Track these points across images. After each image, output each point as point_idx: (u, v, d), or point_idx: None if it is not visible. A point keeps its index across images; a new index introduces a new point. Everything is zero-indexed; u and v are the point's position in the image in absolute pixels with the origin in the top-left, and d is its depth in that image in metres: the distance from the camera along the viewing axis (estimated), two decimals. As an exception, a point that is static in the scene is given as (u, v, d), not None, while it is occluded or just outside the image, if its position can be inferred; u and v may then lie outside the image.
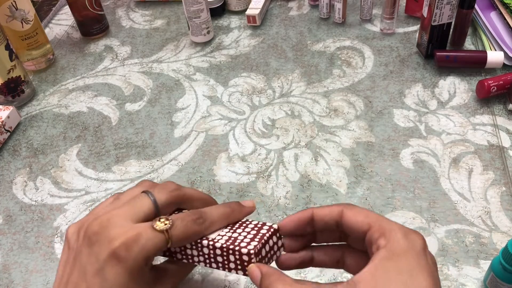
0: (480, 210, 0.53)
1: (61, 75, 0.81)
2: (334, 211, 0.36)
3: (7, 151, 0.68)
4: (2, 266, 0.54)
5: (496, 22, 0.75)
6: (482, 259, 0.49)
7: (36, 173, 0.64)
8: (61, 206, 0.59)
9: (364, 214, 0.35)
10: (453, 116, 0.64)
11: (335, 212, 0.36)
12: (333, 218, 0.36)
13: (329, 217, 0.36)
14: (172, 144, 0.66)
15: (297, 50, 0.79)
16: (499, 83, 0.64)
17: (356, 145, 0.62)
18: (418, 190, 0.56)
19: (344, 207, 0.36)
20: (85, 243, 0.36)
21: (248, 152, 0.63)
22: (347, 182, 0.58)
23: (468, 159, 0.58)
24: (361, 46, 0.78)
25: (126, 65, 0.81)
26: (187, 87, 0.75)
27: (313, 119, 0.66)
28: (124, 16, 0.94)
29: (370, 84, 0.71)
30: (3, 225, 0.58)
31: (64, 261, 0.38)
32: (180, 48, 0.84)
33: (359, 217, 0.35)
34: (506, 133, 0.61)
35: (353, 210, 0.36)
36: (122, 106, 0.73)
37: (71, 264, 0.37)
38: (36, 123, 0.72)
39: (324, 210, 0.37)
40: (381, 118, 0.65)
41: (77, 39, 0.89)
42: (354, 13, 0.86)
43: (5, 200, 0.61)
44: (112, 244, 0.35)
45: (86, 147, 0.67)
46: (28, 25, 0.77)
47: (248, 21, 0.85)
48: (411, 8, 0.82)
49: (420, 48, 0.74)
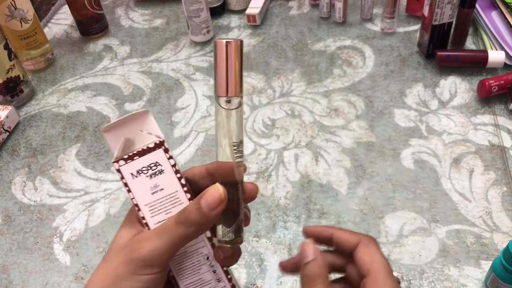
0: (481, 211, 0.53)
1: (60, 75, 0.81)
2: (353, 241, 0.36)
3: (6, 151, 0.68)
4: (1, 266, 0.54)
5: (497, 21, 0.75)
6: (483, 259, 0.48)
7: (35, 173, 0.64)
8: (60, 207, 0.59)
9: (372, 257, 0.34)
10: (454, 116, 0.64)
11: (353, 242, 0.36)
12: (348, 246, 0.36)
13: (345, 245, 0.36)
14: (171, 144, 0.65)
15: (297, 49, 0.79)
16: (500, 82, 0.63)
17: (357, 145, 0.62)
18: (419, 190, 0.56)
19: (362, 241, 0.35)
20: None
21: (248, 152, 0.63)
22: (347, 182, 0.57)
23: (469, 159, 0.58)
24: (361, 45, 0.78)
25: (126, 64, 0.81)
26: (187, 87, 0.75)
27: (313, 119, 0.66)
28: (123, 16, 0.94)
29: (371, 83, 0.71)
30: (2, 225, 0.58)
31: None
32: (179, 47, 0.83)
33: (366, 257, 0.34)
34: (507, 133, 0.61)
35: (367, 248, 0.35)
36: (122, 106, 0.73)
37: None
38: (35, 123, 0.72)
39: (345, 235, 0.36)
40: (381, 118, 0.65)
41: (76, 39, 0.89)
42: (355, 13, 0.85)
43: (4, 200, 0.61)
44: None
45: (85, 147, 0.67)
46: (27, 24, 0.77)
47: (248, 21, 0.85)
48: (412, 8, 0.82)
49: (421, 48, 0.74)
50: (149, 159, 0.35)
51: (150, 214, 0.36)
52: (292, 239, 0.52)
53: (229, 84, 0.30)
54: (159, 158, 0.35)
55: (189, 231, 0.33)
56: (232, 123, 0.32)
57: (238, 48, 0.30)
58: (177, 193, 0.36)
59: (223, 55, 0.30)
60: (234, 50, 0.30)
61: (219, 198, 0.33)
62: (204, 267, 0.38)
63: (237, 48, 0.30)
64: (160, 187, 0.36)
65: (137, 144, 0.36)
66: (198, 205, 0.33)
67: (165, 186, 0.36)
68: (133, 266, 0.33)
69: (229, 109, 0.31)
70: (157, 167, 0.35)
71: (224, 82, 0.31)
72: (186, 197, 0.36)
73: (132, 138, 0.37)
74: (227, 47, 0.30)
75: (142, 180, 0.35)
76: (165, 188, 0.36)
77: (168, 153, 0.35)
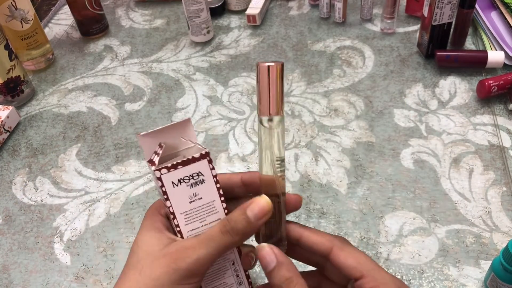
0: (481, 210, 0.53)
1: (60, 75, 0.81)
2: (325, 245, 0.35)
3: (7, 151, 0.68)
4: (2, 266, 0.54)
5: (497, 21, 0.75)
6: (482, 259, 0.49)
7: (36, 173, 0.64)
8: (61, 206, 0.59)
9: (356, 259, 0.33)
10: (453, 116, 0.64)
11: (325, 247, 0.35)
12: (321, 251, 0.35)
13: (317, 249, 0.35)
14: (172, 144, 0.65)
15: (297, 49, 0.79)
16: (500, 83, 0.63)
17: (357, 145, 0.62)
18: (419, 190, 0.56)
19: (336, 244, 0.34)
20: None
21: (248, 152, 0.63)
22: (347, 182, 0.58)
23: (469, 159, 0.58)
24: (361, 45, 0.78)
25: (126, 65, 0.81)
26: (187, 87, 0.75)
27: (313, 119, 0.66)
28: (123, 16, 0.94)
29: (371, 84, 0.71)
30: (3, 225, 0.58)
31: None
32: (180, 47, 0.83)
33: (350, 260, 0.33)
34: (506, 133, 0.61)
35: (345, 251, 0.34)
36: (122, 106, 0.73)
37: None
38: (35, 123, 0.72)
39: (314, 238, 0.35)
40: (381, 118, 0.65)
41: (77, 39, 0.89)
42: (355, 13, 0.85)
43: (5, 200, 0.61)
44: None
45: (86, 147, 0.67)
46: (27, 24, 0.77)
47: (248, 21, 0.85)
48: (412, 8, 0.82)
49: (420, 48, 0.74)
50: (192, 169, 0.35)
51: (185, 222, 0.36)
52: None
53: (271, 104, 0.33)
54: (203, 169, 0.36)
55: (234, 240, 0.34)
56: (274, 141, 0.34)
57: (280, 71, 0.32)
58: (214, 202, 0.36)
59: (265, 77, 0.32)
60: (275, 73, 0.32)
61: (266, 208, 0.34)
62: (228, 272, 0.39)
63: (279, 71, 0.32)
64: (199, 196, 0.36)
65: (177, 149, 0.37)
66: (245, 214, 0.33)
67: (204, 195, 0.36)
68: (177, 276, 0.32)
69: (271, 128, 0.34)
70: (199, 177, 0.36)
71: (266, 102, 0.33)
72: (222, 206, 0.37)
73: (171, 144, 0.37)
74: (269, 70, 0.32)
75: (182, 189, 0.36)
76: (204, 197, 0.36)
77: (211, 164, 0.36)
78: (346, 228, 0.53)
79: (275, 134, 0.34)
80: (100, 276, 0.52)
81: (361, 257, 0.34)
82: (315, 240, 0.35)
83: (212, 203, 0.36)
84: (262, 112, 0.33)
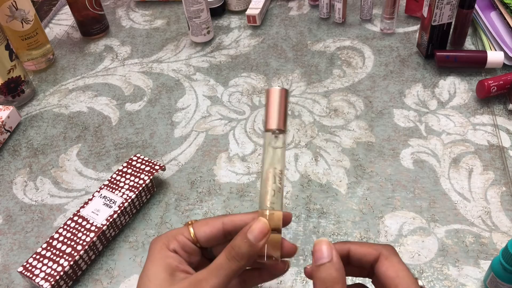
0: (480, 210, 0.53)
1: (61, 75, 0.81)
2: (372, 254, 0.35)
3: (7, 151, 0.68)
4: (2, 266, 0.54)
5: (496, 22, 0.75)
6: (482, 259, 0.49)
7: (36, 173, 0.64)
8: (61, 206, 0.59)
9: (396, 271, 0.34)
10: (453, 116, 0.64)
11: (372, 256, 0.35)
12: (369, 261, 0.36)
13: (365, 260, 0.36)
14: (172, 144, 0.66)
15: (297, 50, 0.79)
16: (499, 83, 0.64)
17: (356, 145, 0.62)
18: (418, 190, 0.56)
19: (383, 253, 0.35)
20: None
21: (248, 152, 0.63)
22: (347, 182, 0.58)
23: (468, 159, 0.58)
24: (361, 46, 0.78)
25: (126, 65, 0.81)
26: (187, 87, 0.75)
27: (313, 119, 0.66)
28: (124, 16, 0.94)
29: (370, 84, 0.71)
30: (3, 225, 0.58)
31: None
32: (180, 48, 0.84)
33: (390, 271, 0.34)
34: (506, 133, 0.61)
35: (389, 260, 0.35)
36: (122, 106, 0.73)
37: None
38: (36, 123, 0.72)
39: (362, 249, 0.36)
40: (381, 118, 0.65)
41: (77, 39, 0.89)
42: (354, 13, 0.86)
43: (5, 200, 0.61)
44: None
45: (86, 147, 0.67)
46: (28, 25, 0.77)
47: (248, 21, 0.85)
48: (411, 8, 0.82)
49: (420, 48, 0.74)
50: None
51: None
52: (292, 239, 0.53)
53: (279, 119, 0.38)
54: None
55: (240, 264, 0.35)
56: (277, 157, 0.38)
57: (285, 94, 0.38)
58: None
59: (273, 98, 0.38)
60: (283, 95, 0.38)
61: (265, 230, 0.35)
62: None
63: (285, 94, 0.38)
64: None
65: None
66: (246, 238, 0.35)
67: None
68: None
69: (275, 147, 0.38)
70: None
71: (275, 117, 0.38)
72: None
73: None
74: (279, 92, 0.38)
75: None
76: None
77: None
78: (346, 228, 0.53)
79: (278, 152, 0.38)
80: (100, 276, 0.52)
81: (402, 270, 0.34)
82: (363, 251, 0.36)
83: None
84: (270, 125, 0.38)
